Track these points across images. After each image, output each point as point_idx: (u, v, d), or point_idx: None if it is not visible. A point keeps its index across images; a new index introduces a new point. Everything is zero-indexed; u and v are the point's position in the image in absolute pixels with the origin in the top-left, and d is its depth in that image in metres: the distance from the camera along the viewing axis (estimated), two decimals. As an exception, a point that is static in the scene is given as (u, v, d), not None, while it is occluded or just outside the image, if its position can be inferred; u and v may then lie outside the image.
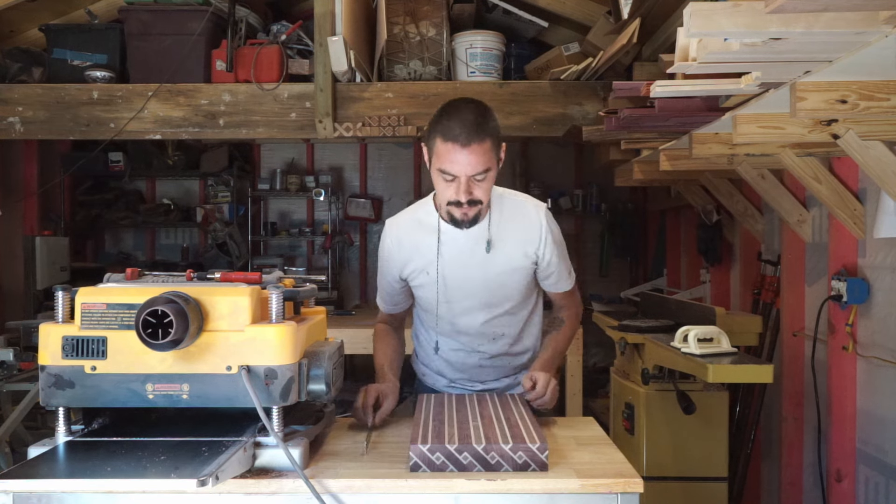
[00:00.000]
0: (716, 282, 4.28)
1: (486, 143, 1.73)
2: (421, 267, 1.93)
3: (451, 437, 1.48)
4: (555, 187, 6.30)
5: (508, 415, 1.66)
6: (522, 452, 1.43)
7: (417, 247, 1.93)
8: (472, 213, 1.80)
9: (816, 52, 1.54)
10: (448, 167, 1.74)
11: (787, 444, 3.23)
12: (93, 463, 1.30)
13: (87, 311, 1.39)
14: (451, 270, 1.91)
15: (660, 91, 2.13)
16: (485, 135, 1.73)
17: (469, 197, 1.76)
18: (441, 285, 1.92)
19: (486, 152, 1.73)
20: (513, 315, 1.99)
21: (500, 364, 2.04)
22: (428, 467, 1.43)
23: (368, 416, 1.75)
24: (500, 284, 1.93)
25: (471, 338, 1.99)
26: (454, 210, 1.80)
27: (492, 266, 1.90)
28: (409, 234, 1.94)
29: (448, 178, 1.76)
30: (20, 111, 3.99)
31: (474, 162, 1.72)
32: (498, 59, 4.23)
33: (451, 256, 1.91)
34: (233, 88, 3.99)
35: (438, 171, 1.77)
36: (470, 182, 1.75)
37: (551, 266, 1.95)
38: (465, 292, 1.93)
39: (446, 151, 1.73)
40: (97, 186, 6.38)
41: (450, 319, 1.97)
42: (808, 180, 2.60)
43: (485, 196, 1.80)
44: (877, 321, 2.55)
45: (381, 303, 2.10)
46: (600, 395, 5.24)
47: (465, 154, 1.71)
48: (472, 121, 1.72)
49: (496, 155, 1.79)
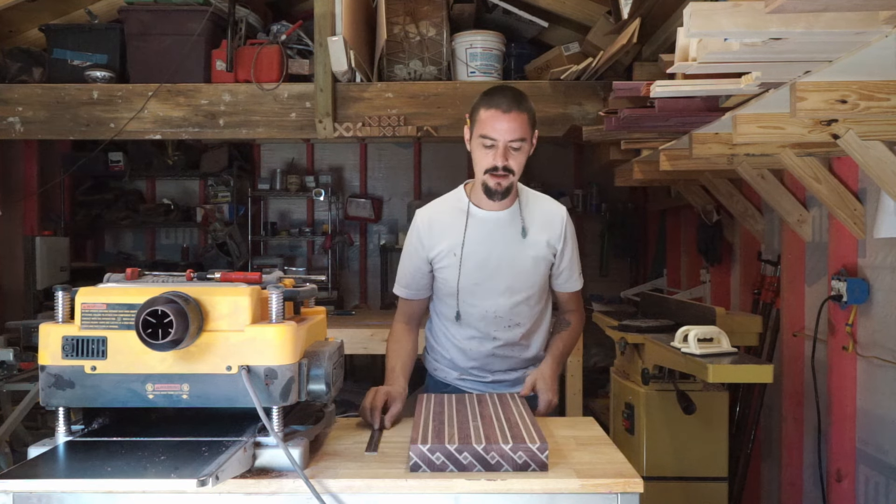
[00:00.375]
0: (716, 282, 4.28)
1: (524, 116, 1.91)
2: (449, 248, 2.02)
3: (451, 437, 1.48)
4: (555, 187, 6.30)
5: (508, 415, 1.66)
6: (522, 452, 1.43)
7: (447, 228, 2.03)
8: (505, 183, 1.93)
9: (816, 52, 1.54)
10: (489, 132, 1.89)
11: (787, 444, 3.23)
12: (93, 463, 1.30)
13: (87, 311, 1.39)
14: (479, 252, 2.01)
15: (660, 91, 2.13)
16: (523, 109, 1.91)
17: (505, 163, 1.90)
18: (466, 266, 2.01)
19: (523, 123, 1.90)
20: (530, 306, 2.07)
21: (511, 354, 2.10)
22: (428, 467, 1.43)
23: (375, 419, 1.76)
24: (526, 271, 2.03)
25: (487, 323, 2.05)
26: (489, 179, 1.93)
27: (522, 251, 2.02)
28: (440, 216, 2.06)
29: (487, 144, 1.91)
30: (20, 111, 3.99)
31: (513, 128, 1.89)
32: (498, 59, 4.23)
33: (480, 238, 2.01)
34: (233, 88, 3.99)
35: (479, 139, 1.92)
36: (507, 150, 1.90)
37: (565, 262, 2.08)
38: (490, 274, 2.02)
39: (488, 118, 1.90)
40: (97, 186, 6.39)
41: (471, 302, 2.04)
42: (807, 180, 2.60)
43: (517, 168, 1.94)
44: (877, 321, 2.55)
45: (402, 290, 2.13)
46: (600, 395, 5.24)
47: (505, 120, 1.88)
48: (512, 95, 1.92)
49: (531, 133, 1.94)
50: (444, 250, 2.02)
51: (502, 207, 2.02)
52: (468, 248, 2.01)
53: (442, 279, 2.06)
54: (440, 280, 2.07)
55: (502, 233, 2.02)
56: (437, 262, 2.05)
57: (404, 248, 2.11)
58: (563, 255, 2.07)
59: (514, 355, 2.11)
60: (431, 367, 2.23)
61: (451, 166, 6.50)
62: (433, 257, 2.05)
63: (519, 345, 2.10)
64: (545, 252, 2.04)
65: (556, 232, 2.05)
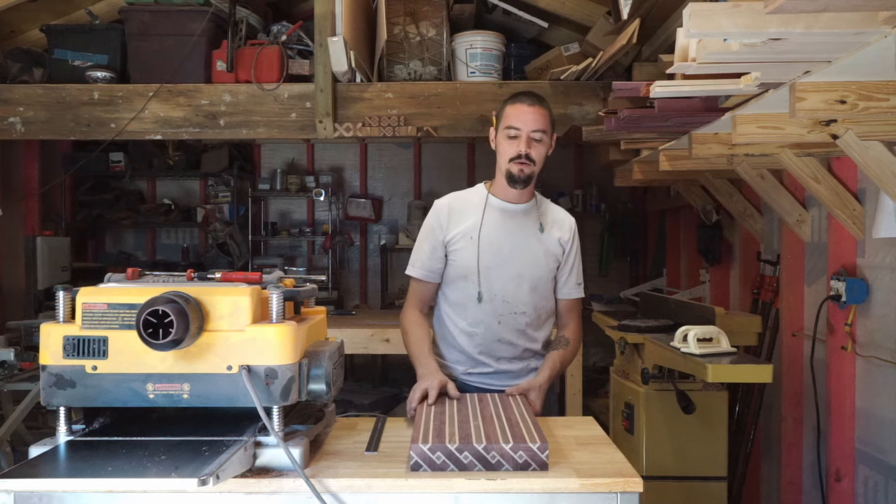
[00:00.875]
0: (715, 282, 4.28)
1: (545, 112, 2.11)
2: (466, 231, 2.15)
3: (452, 436, 1.48)
4: (554, 187, 6.30)
5: (509, 414, 1.67)
6: (523, 452, 1.44)
7: (466, 214, 2.18)
8: (527, 171, 2.09)
9: (816, 53, 1.54)
10: (514, 122, 2.08)
11: (786, 443, 3.23)
12: (93, 462, 1.31)
13: (88, 311, 1.39)
14: (495, 237, 2.14)
15: (659, 91, 2.13)
16: (545, 107, 2.12)
17: (528, 151, 2.07)
18: (483, 248, 2.13)
19: (545, 117, 2.10)
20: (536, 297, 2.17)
21: (516, 342, 2.18)
22: (429, 466, 1.43)
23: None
24: (537, 261, 2.16)
25: (496, 306, 2.15)
26: (513, 167, 2.09)
27: (536, 243, 2.17)
28: (459, 204, 2.20)
29: (512, 135, 2.09)
30: (21, 111, 3.99)
31: (536, 119, 2.08)
32: (498, 59, 4.23)
33: (497, 225, 2.15)
34: (233, 89, 3.99)
35: (504, 131, 2.10)
36: (529, 139, 2.07)
37: (569, 265, 2.22)
38: (503, 259, 2.14)
39: (514, 111, 2.10)
40: (98, 186, 6.39)
41: (484, 284, 2.14)
42: (807, 180, 2.60)
43: (538, 159, 2.10)
44: (876, 321, 2.56)
45: (417, 271, 2.21)
46: (600, 394, 5.24)
47: (529, 112, 2.08)
48: (535, 95, 2.14)
49: (551, 131, 2.12)
50: (460, 232, 2.15)
51: (520, 200, 2.17)
52: (485, 231, 2.14)
53: (455, 262, 2.17)
54: (453, 263, 2.17)
55: (518, 224, 2.17)
56: (453, 245, 2.16)
57: (421, 231, 2.23)
58: (568, 259, 2.21)
59: (518, 343, 2.18)
60: (437, 363, 2.23)
61: (451, 166, 6.50)
62: (449, 240, 2.16)
63: (524, 333, 2.18)
64: (556, 248, 2.19)
65: (567, 235, 2.21)
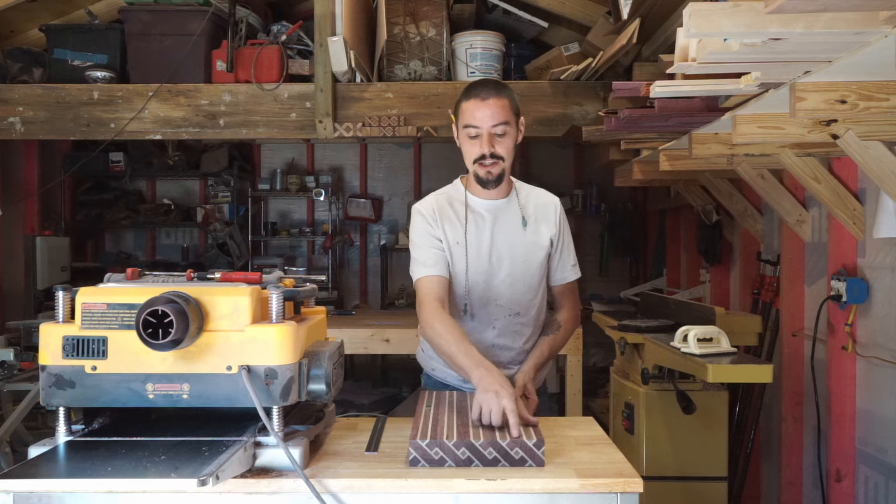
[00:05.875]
0: (715, 282, 4.28)
1: (504, 101, 1.96)
2: (453, 238, 2.04)
3: (450, 432, 1.49)
4: (554, 187, 6.18)
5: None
6: (519, 448, 1.44)
7: (449, 219, 2.06)
8: (495, 171, 1.98)
9: (816, 53, 1.54)
10: (470, 120, 1.96)
11: (786, 443, 3.23)
12: (93, 463, 1.30)
13: (88, 311, 1.39)
14: (481, 242, 2.05)
15: (659, 91, 2.13)
16: (502, 95, 1.96)
17: (491, 150, 1.96)
18: (471, 255, 2.03)
19: (503, 108, 1.95)
20: (529, 296, 2.09)
21: (511, 345, 2.10)
22: (426, 462, 1.44)
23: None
24: (527, 260, 2.07)
25: (489, 311, 2.07)
26: (479, 168, 1.99)
27: (522, 241, 2.07)
28: (442, 206, 2.08)
29: (472, 135, 1.97)
30: (21, 111, 3.99)
31: (494, 114, 1.94)
32: (498, 59, 4.23)
33: (481, 228, 2.05)
34: (233, 89, 3.99)
35: (464, 130, 1.98)
36: (491, 137, 1.95)
37: (560, 247, 2.13)
38: (492, 263, 2.05)
39: (469, 108, 1.96)
40: (98, 186, 6.39)
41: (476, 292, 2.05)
42: (807, 180, 2.60)
43: (506, 154, 1.98)
44: (876, 321, 2.55)
45: (427, 269, 2.01)
46: (600, 395, 5.24)
47: (484, 108, 1.94)
48: (491, 84, 1.99)
49: (514, 118, 1.99)
50: (449, 239, 2.04)
51: (499, 196, 2.07)
52: (470, 238, 2.04)
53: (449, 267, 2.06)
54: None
55: (502, 222, 2.07)
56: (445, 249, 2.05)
57: (415, 237, 2.05)
58: (559, 244, 2.13)
59: (514, 346, 2.11)
60: (429, 366, 2.21)
61: (451, 166, 6.48)
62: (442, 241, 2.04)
63: (520, 335, 2.11)
64: (544, 241, 2.09)
65: (552, 220, 2.11)
